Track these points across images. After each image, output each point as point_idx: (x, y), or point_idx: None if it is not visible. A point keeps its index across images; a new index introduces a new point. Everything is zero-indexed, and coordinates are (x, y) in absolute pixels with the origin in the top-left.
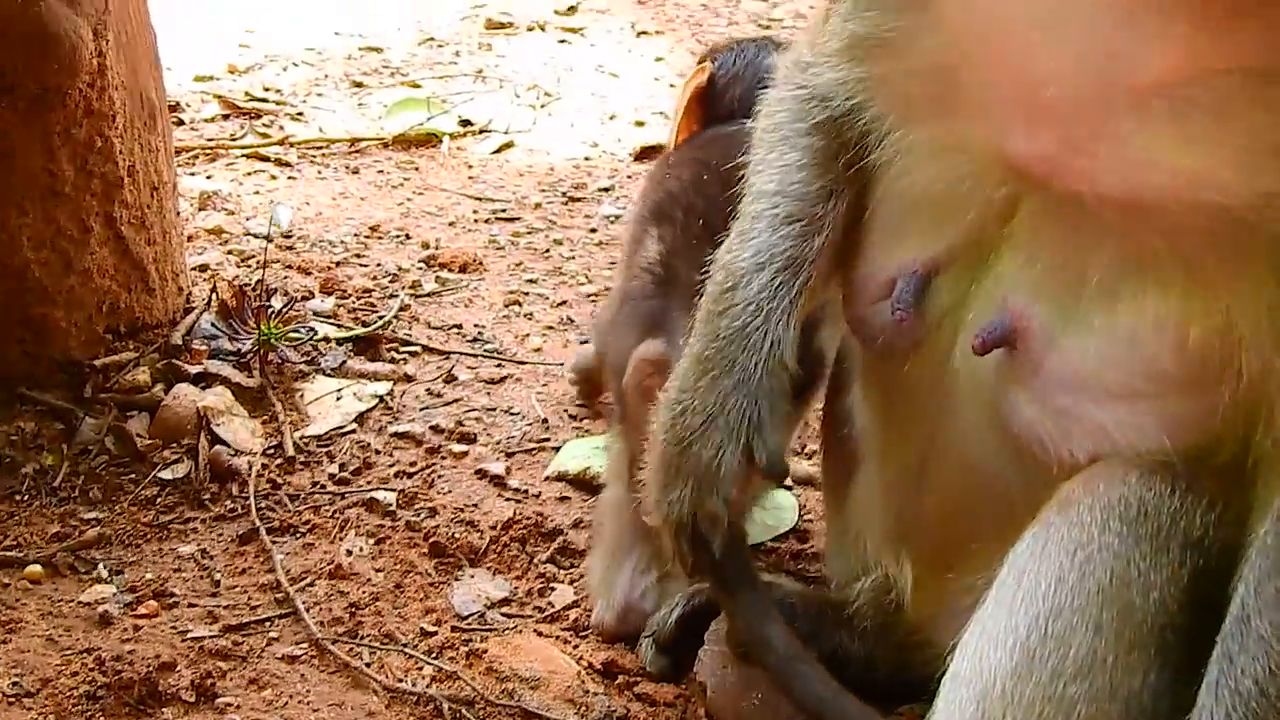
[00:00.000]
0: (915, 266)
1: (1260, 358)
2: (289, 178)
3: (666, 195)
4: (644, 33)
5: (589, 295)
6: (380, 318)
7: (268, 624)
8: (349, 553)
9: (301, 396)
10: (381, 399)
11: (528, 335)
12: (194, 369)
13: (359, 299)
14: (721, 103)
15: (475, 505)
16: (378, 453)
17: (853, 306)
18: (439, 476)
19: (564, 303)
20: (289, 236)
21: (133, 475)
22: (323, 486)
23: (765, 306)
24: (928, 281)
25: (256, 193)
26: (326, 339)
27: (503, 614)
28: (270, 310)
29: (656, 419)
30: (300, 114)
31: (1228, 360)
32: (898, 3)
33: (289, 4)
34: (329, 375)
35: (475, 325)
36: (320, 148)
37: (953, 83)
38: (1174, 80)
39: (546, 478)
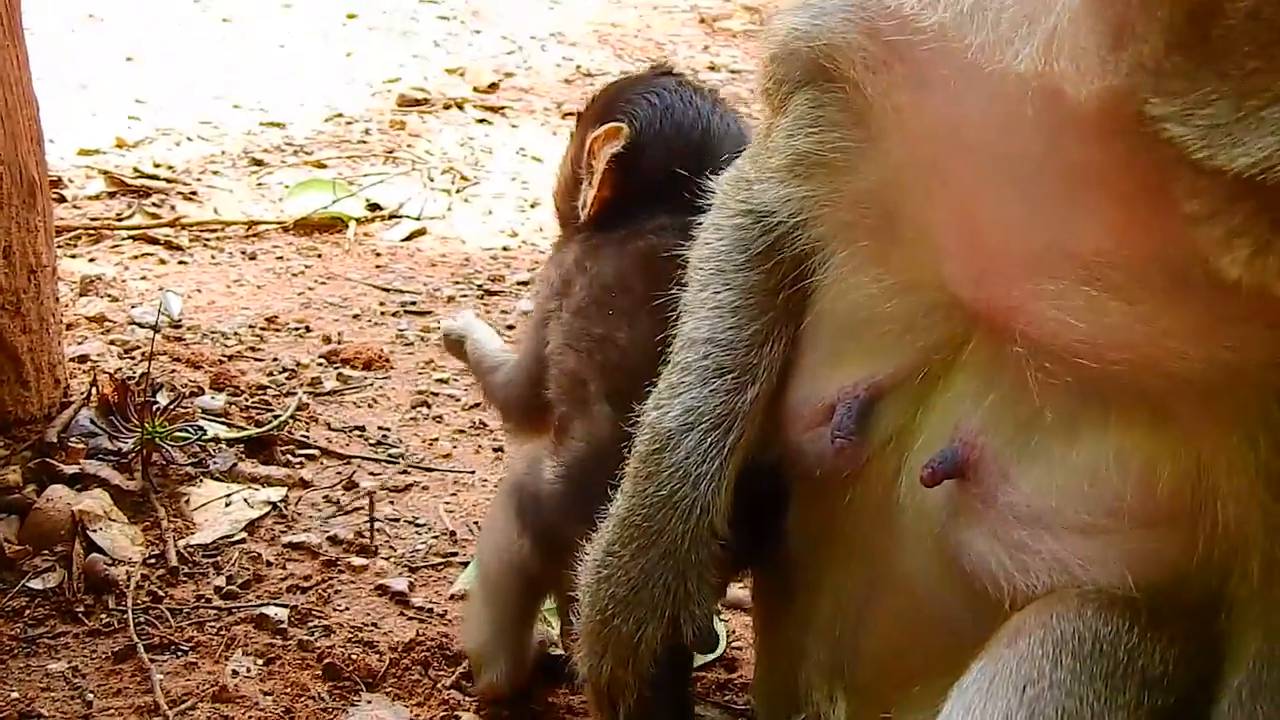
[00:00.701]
0: (857, 391)
1: (1236, 507)
2: (179, 262)
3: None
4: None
5: None
6: (275, 417)
7: None
8: (235, 674)
9: (187, 502)
10: (275, 506)
11: (436, 439)
12: (70, 469)
13: (253, 396)
14: (643, 167)
15: (375, 624)
16: (269, 564)
17: (787, 432)
18: (335, 592)
19: (476, 405)
20: (178, 326)
21: None
22: (208, 600)
23: (694, 472)
24: (870, 407)
25: (143, 278)
26: (216, 439)
27: None
28: (155, 407)
29: (581, 578)
30: (193, 193)
31: (1200, 505)
32: (842, 119)
33: (183, 73)
34: (218, 479)
35: (379, 428)
36: (214, 230)
37: (896, 212)
38: (1115, 255)
39: (453, 595)
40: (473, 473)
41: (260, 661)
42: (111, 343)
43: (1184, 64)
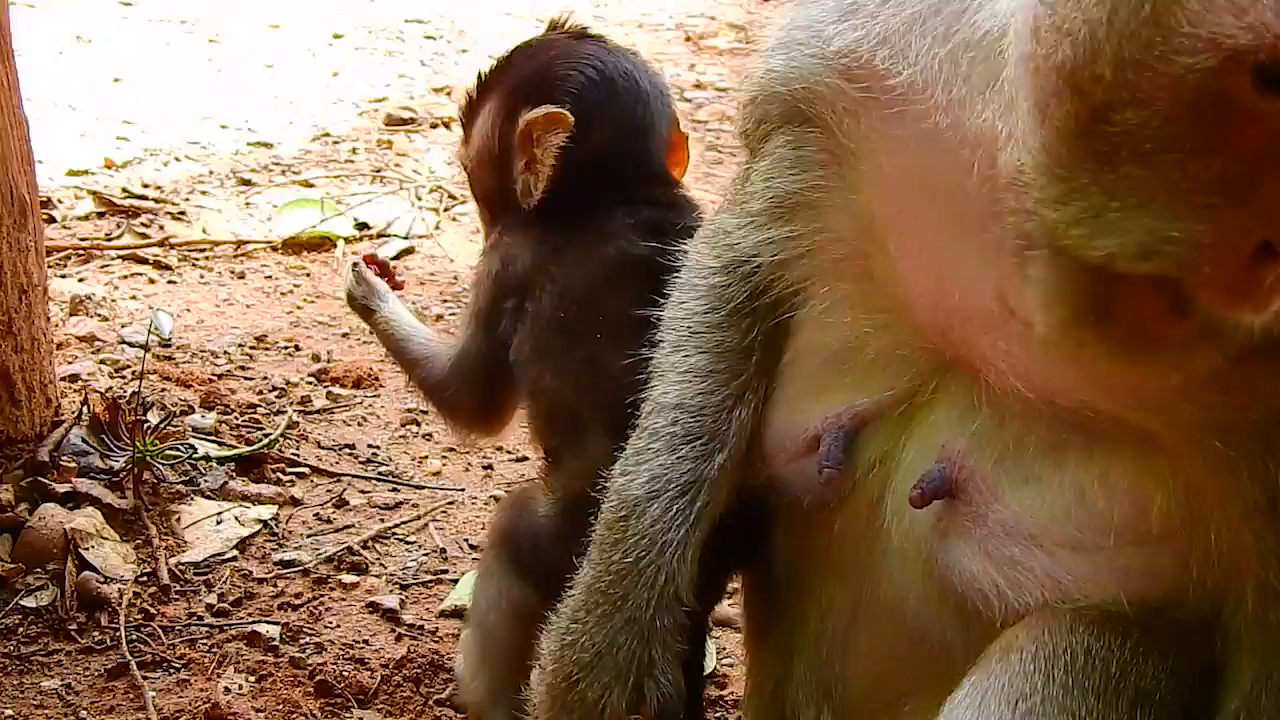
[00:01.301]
0: (842, 421)
1: (1228, 534)
2: (169, 282)
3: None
4: None
5: None
6: (266, 436)
7: None
8: (227, 690)
9: (178, 520)
10: (265, 524)
11: (426, 458)
12: (61, 488)
13: (243, 415)
14: (587, 152)
15: (365, 641)
16: (260, 582)
17: (770, 465)
18: (327, 609)
19: None
20: (168, 346)
21: None
22: (200, 618)
23: (659, 539)
24: (855, 436)
25: (133, 298)
26: (207, 458)
27: None
28: (146, 425)
29: (544, 644)
30: (182, 213)
31: (1191, 529)
32: (819, 160)
33: (171, 94)
34: (209, 497)
35: (369, 446)
36: (203, 250)
37: (870, 257)
38: None
39: (443, 612)
40: (462, 490)
41: (252, 679)
42: (102, 362)
43: (1070, 156)
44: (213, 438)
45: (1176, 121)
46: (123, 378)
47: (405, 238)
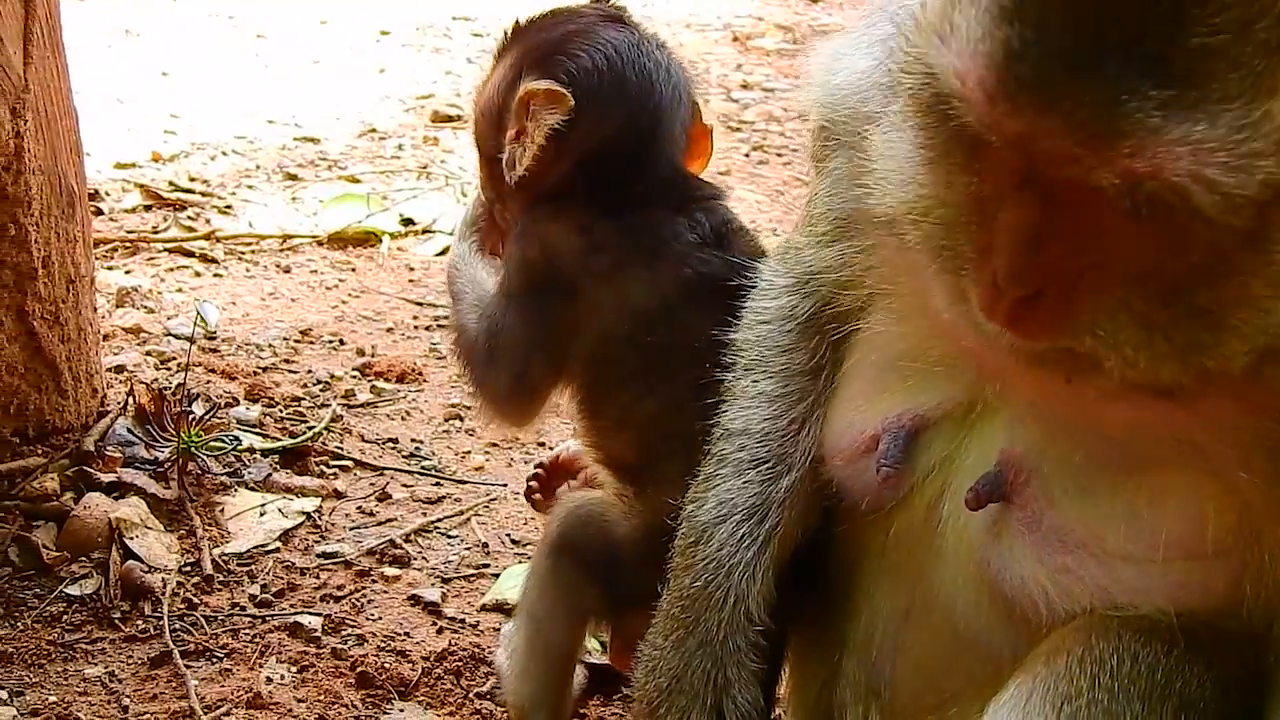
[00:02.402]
0: (903, 422)
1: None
2: (214, 275)
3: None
4: None
5: None
6: (310, 428)
7: None
8: (269, 680)
9: (222, 511)
10: (309, 516)
11: (469, 452)
12: (107, 477)
13: (287, 408)
14: (596, 142)
15: (407, 634)
16: (303, 574)
17: (829, 466)
18: (369, 601)
19: None
20: (213, 338)
21: (37, 590)
22: (242, 608)
23: (727, 563)
24: (915, 437)
25: (179, 290)
26: (251, 450)
27: None
28: (191, 417)
29: (634, 673)
30: (228, 207)
31: (1245, 548)
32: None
33: (218, 88)
34: (252, 489)
35: (412, 440)
36: (249, 244)
37: (926, 271)
38: None
39: (484, 606)
40: (504, 485)
41: (294, 669)
42: (148, 353)
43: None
44: (257, 430)
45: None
46: (168, 369)
47: (450, 234)
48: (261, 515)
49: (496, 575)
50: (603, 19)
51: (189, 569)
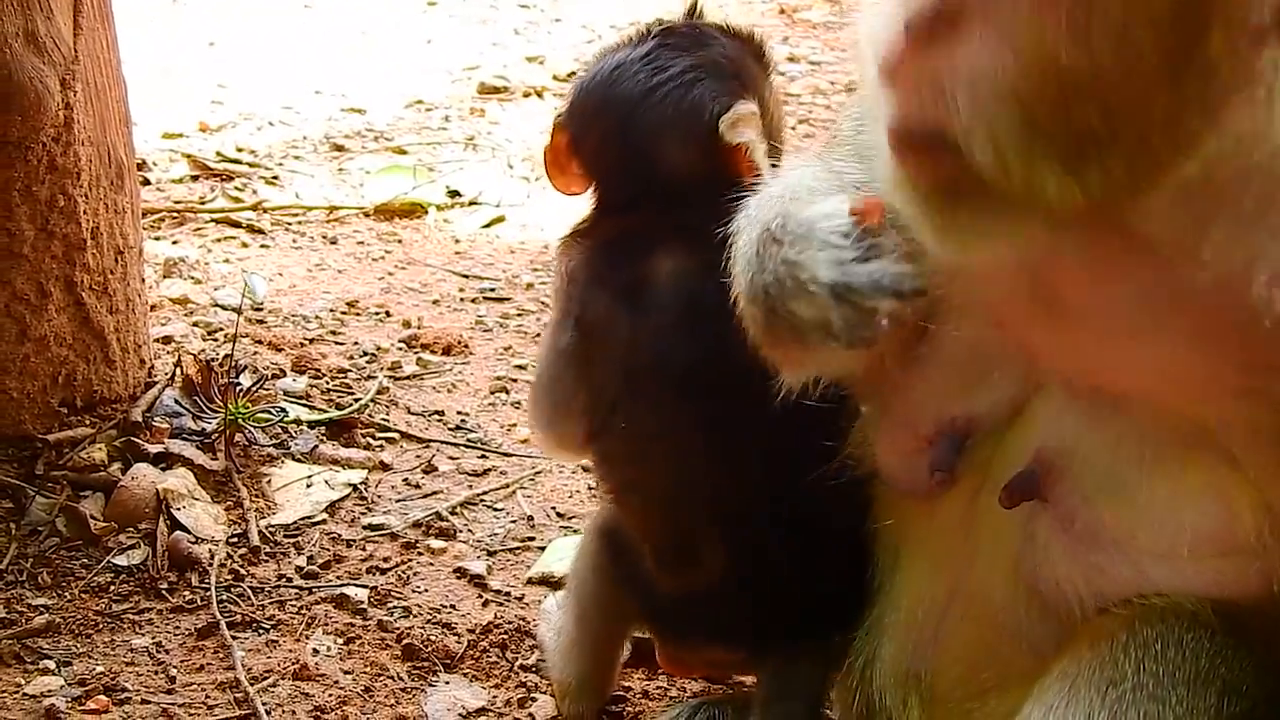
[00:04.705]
0: (956, 426)
1: None
2: (261, 246)
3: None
4: None
5: None
6: (356, 400)
7: None
8: (315, 652)
9: (269, 482)
10: (355, 488)
11: (514, 425)
12: (154, 448)
13: (334, 379)
14: (585, 165)
15: (453, 606)
16: (349, 545)
17: (885, 453)
18: (415, 574)
19: None
20: (260, 309)
21: (85, 560)
22: (289, 580)
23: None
24: (966, 439)
25: (226, 261)
26: (298, 421)
27: None
28: (238, 388)
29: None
30: (275, 178)
31: (1277, 542)
32: None
33: (266, 59)
34: (299, 460)
35: (458, 412)
36: (296, 215)
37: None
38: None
39: (530, 579)
40: (549, 458)
41: (340, 641)
42: (195, 324)
43: None
44: (303, 401)
45: None
46: (215, 340)
47: (496, 206)
48: (308, 487)
49: (542, 548)
50: (626, 41)
51: (236, 540)
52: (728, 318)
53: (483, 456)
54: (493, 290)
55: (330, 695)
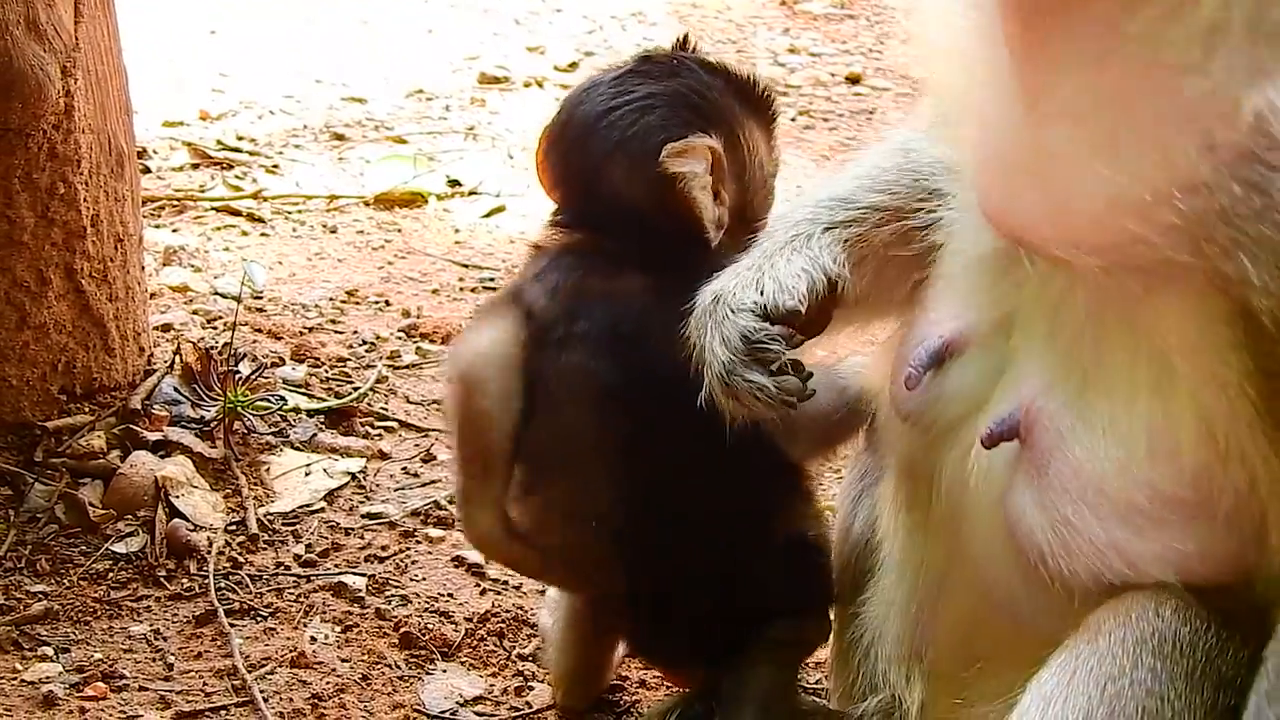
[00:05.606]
0: (939, 335)
1: (1245, 468)
2: (261, 234)
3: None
4: None
5: None
6: (355, 389)
7: (222, 712)
8: (313, 640)
9: (268, 470)
10: (354, 477)
11: None
12: (153, 436)
13: (333, 368)
14: (555, 179)
15: (450, 594)
16: (347, 534)
17: (894, 379)
18: (413, 562)
19: None
20: (259, 298)
21: (83, 547)
22: (287, 568)
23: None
24: (946, 353)
25: (226, 249)
26: (296, 410)
27: (476, 713)
28: (237, 376)
29: None
30: (275, 166)
31: (1220, 474)
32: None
33: (266, 48)
34: (298, 449)
35: None
36: (296, 203)
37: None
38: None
39: None
40: None
41: (338, 629)
42: (194, 312)
43: None
44: (302, 390)
45: None
46: (214, 328)
47: (496, 196)
48: (306, 475)
49: None
50: (603, 73)
51: (234, 528)
52: (646, 345)
53: None
54: (492, 280)
55: (327, 683)
